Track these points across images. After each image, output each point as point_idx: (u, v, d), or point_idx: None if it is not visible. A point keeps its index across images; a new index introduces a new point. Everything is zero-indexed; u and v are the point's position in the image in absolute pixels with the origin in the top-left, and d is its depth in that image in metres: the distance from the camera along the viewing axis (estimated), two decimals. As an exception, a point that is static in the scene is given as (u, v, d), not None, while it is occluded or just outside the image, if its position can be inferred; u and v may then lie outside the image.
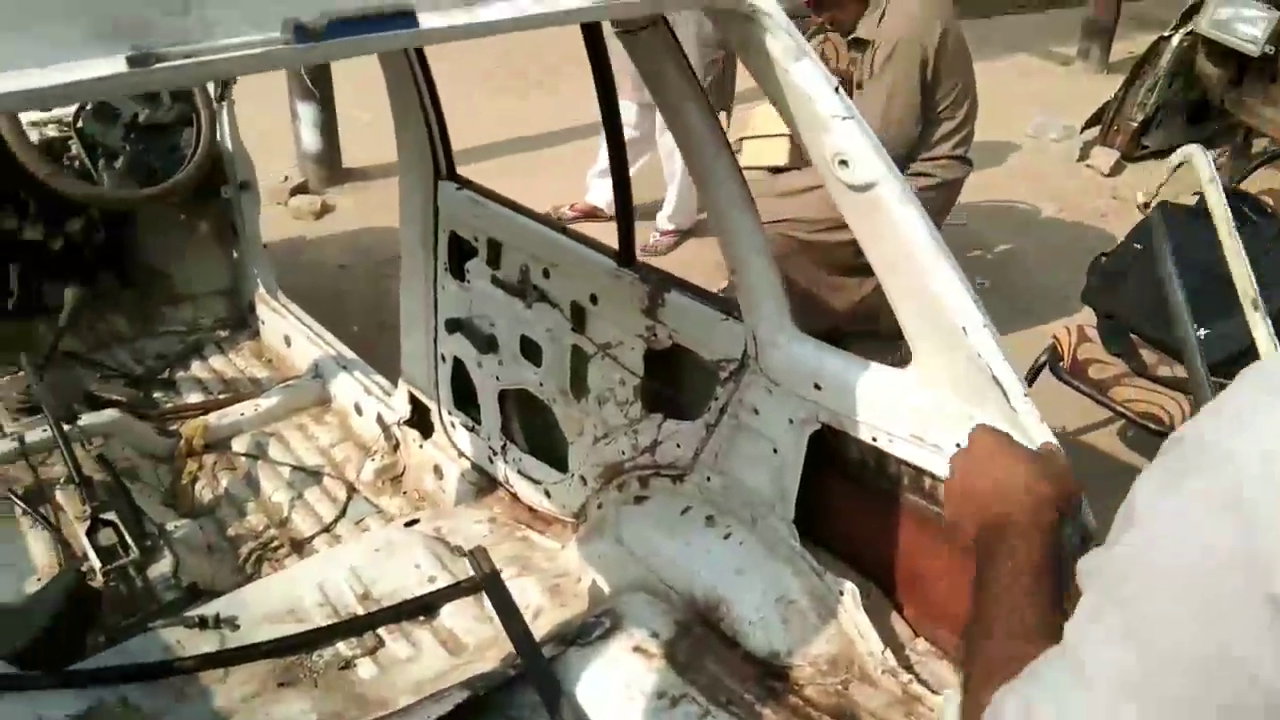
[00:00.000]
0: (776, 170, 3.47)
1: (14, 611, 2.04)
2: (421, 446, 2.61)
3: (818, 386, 1.60)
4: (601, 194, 4.57)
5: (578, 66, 1.73)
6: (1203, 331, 2.46)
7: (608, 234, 2.08)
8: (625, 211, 1.92)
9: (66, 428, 2.40)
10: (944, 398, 1.41)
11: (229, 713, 1.74)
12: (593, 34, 1.66)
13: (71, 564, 2.18)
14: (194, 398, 3.02)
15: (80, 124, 2.68)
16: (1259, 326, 1.54)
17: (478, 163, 5.03)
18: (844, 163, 1.29)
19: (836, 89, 1.27)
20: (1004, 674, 0.75)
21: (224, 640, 1.90)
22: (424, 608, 1.98)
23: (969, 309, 1.29)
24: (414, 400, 2.61)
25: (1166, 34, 5.15)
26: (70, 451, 2.32)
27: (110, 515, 2.26)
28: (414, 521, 2.32)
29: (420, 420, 2.62)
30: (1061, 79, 7.22)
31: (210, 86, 2.94)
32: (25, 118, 2.67)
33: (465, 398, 2.48)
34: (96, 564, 2.17)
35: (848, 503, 1.72)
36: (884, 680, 1.58)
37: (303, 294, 3.42)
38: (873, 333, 2.89)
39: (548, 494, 2.27)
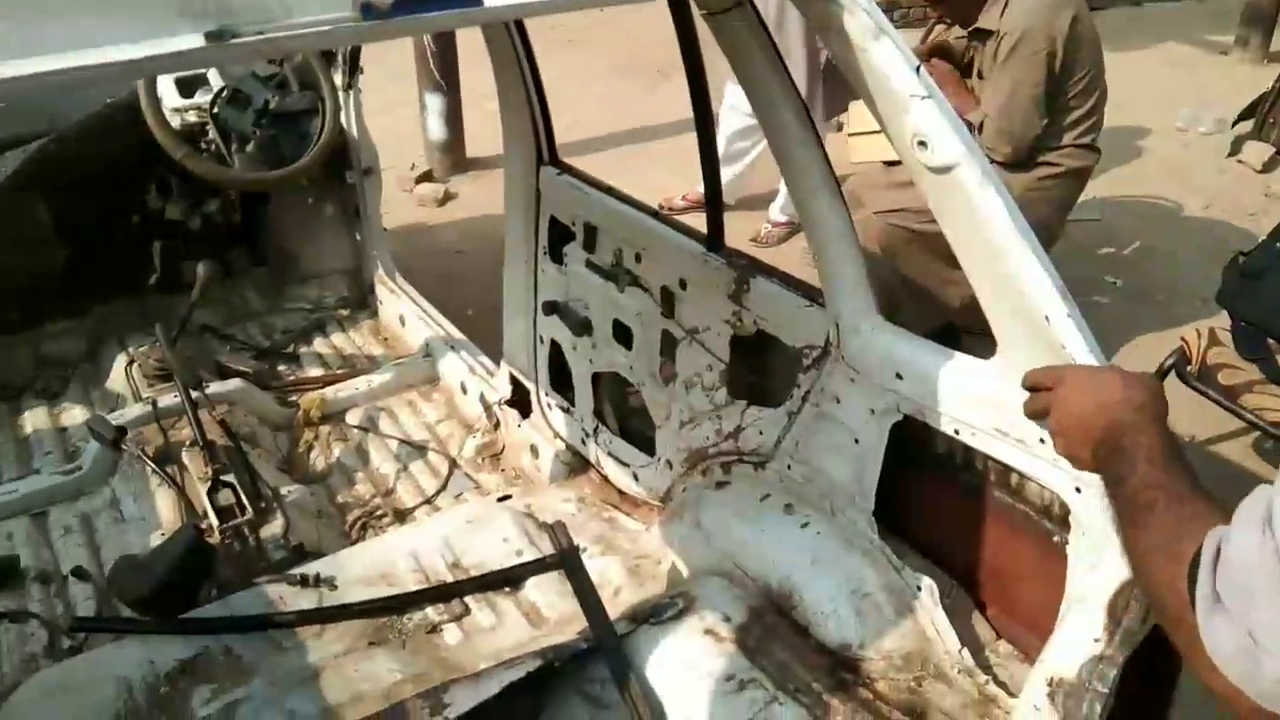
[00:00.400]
0: (891, 165, 3.40)
1: (138, 562, 2.21)
2: (520, 426, 2.68)
3: (899, 376, 1.56)
4: (715, 184, 4.56)
5: (707, 52, 1.73)
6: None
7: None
8: (714, 196, 1.92)
9: (195, 395, 2.57)
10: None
11: (322, 667, 1.83)
12: (681, 15, 1.66)
13: (192, 521, 2.34)
14: (314, 371, 3.18)
15: (216, 110, 2.86)
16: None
17: (599, 152, 5.12)
18: (923, 144, 1.26)
19: (917, 68, 1.23)
20: (1193, 531, 0.79)
21: (322, 599, 2.00)
22: (509, 580, 2.03)
23: (1053, 297, 1.24)
24: (514, 381, 2.68)
25: (1335, 19, 4.76)
26: (196, 417, 2.49)
27: (229, 478, 2.42)
28: (506, 497, 2.39)
29: (520, 401, 2.68)
30: (1216, 69, 6.77)
31: (337, 76, 3.09)
32: (168, 104, 2.87)
33: (562, 380, 2.53)
34: (214, 522, 2.32)
35: (931, 497, 1.67)
36: (960, 680, 1.54)
37: (423, 277, 3.56)
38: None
39: (635, 477, 2.29)
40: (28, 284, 2.99)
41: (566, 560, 1.76)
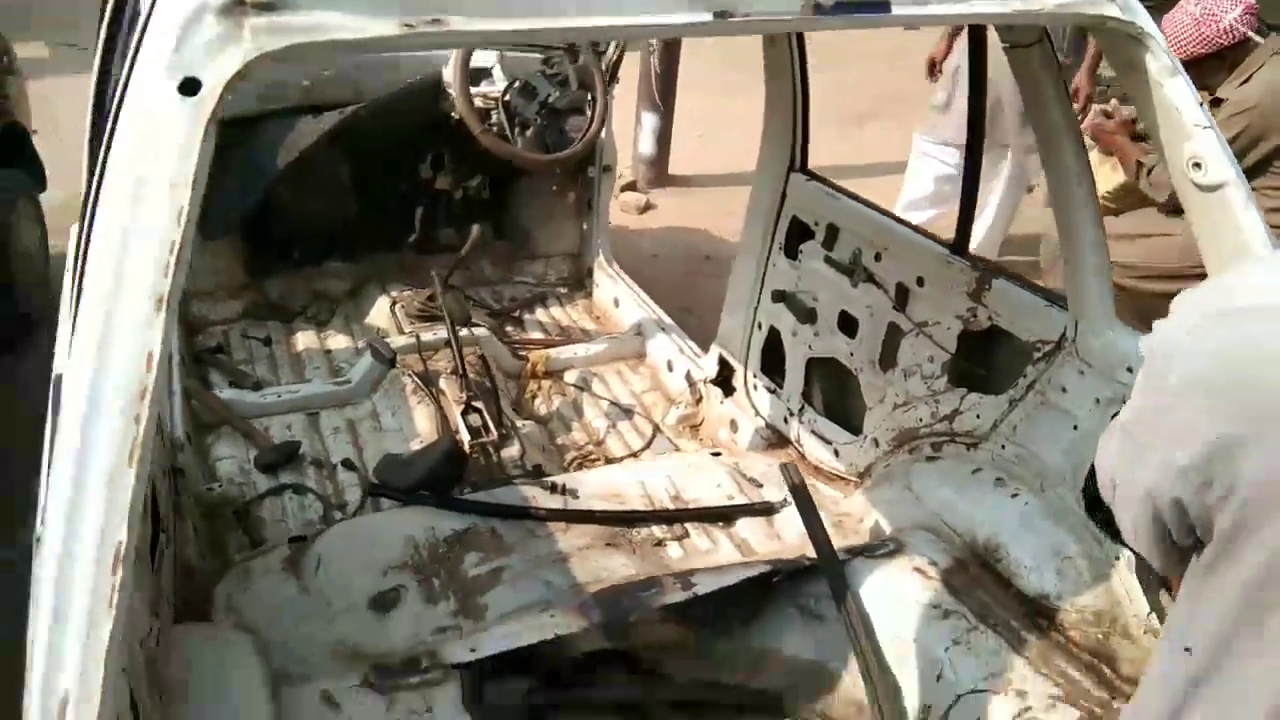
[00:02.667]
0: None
1: (401, 460, 2.61)
2: (722, 403, 2.98)
3: (1130, 370, 1.79)
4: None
5: (899, 104, 2.04)
6: None
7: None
8: (969, 204, 2.19)
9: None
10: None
11: (568, 554, 2.16)
12: (978, 42, 1.96)
13: (448, 433, 2.73)
14: (536, 336, 3.59)
15: (508, 97, 3.30)
16: None
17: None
18: (1197, 165, 1.52)
19: (1202, 104, 1.50)
20: None
21: (566, 503, 2.35)
22: (723, 516, 2.33)
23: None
24: (722, 362, 2.98)
25: None
26: (459, 349, 2.90)
27: (479, 404, 2.82)
28: (717, 454, 2.69)
29: (724, 381, 2.99)
30: None
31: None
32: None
33: (770, 365, 2.82)
34: (466, 437, 2.71)
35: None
36: (1145, 640, 1.74)
37: (619, 274, 3.93)
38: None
39: (836, 453, 2.55)
40: (323, 227, 3.50)
41: (797, 492, 2.04)
